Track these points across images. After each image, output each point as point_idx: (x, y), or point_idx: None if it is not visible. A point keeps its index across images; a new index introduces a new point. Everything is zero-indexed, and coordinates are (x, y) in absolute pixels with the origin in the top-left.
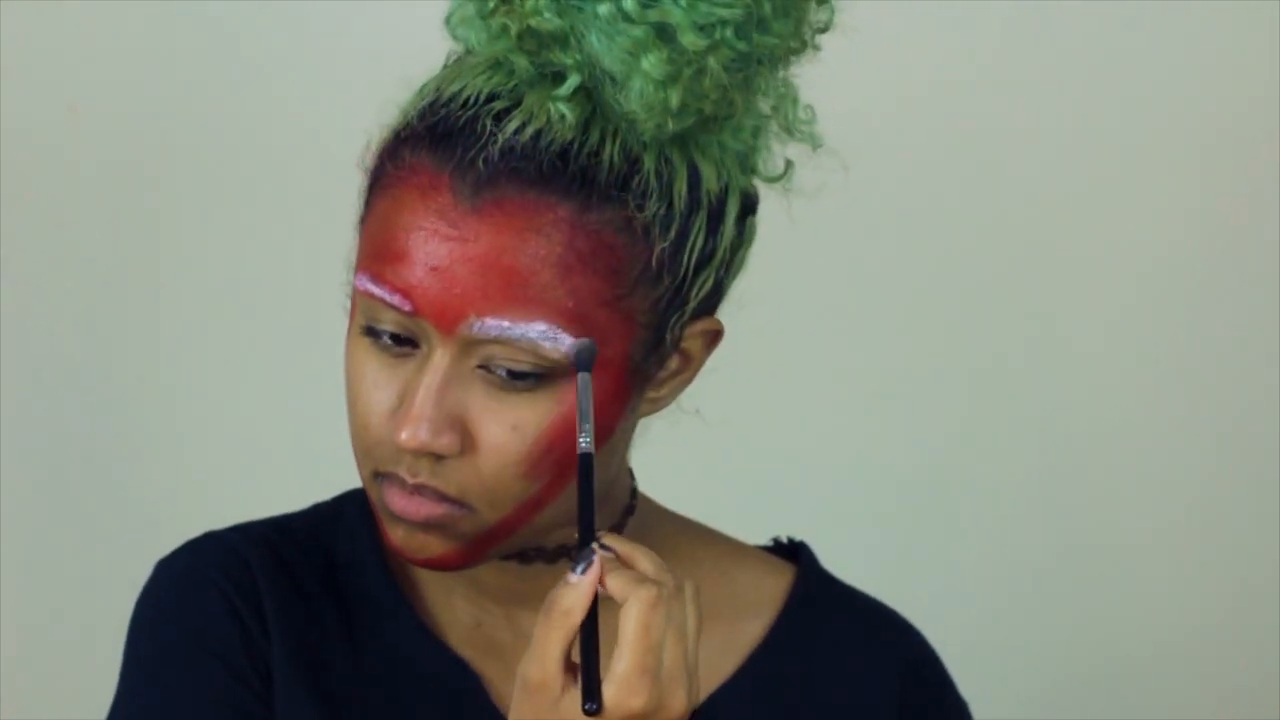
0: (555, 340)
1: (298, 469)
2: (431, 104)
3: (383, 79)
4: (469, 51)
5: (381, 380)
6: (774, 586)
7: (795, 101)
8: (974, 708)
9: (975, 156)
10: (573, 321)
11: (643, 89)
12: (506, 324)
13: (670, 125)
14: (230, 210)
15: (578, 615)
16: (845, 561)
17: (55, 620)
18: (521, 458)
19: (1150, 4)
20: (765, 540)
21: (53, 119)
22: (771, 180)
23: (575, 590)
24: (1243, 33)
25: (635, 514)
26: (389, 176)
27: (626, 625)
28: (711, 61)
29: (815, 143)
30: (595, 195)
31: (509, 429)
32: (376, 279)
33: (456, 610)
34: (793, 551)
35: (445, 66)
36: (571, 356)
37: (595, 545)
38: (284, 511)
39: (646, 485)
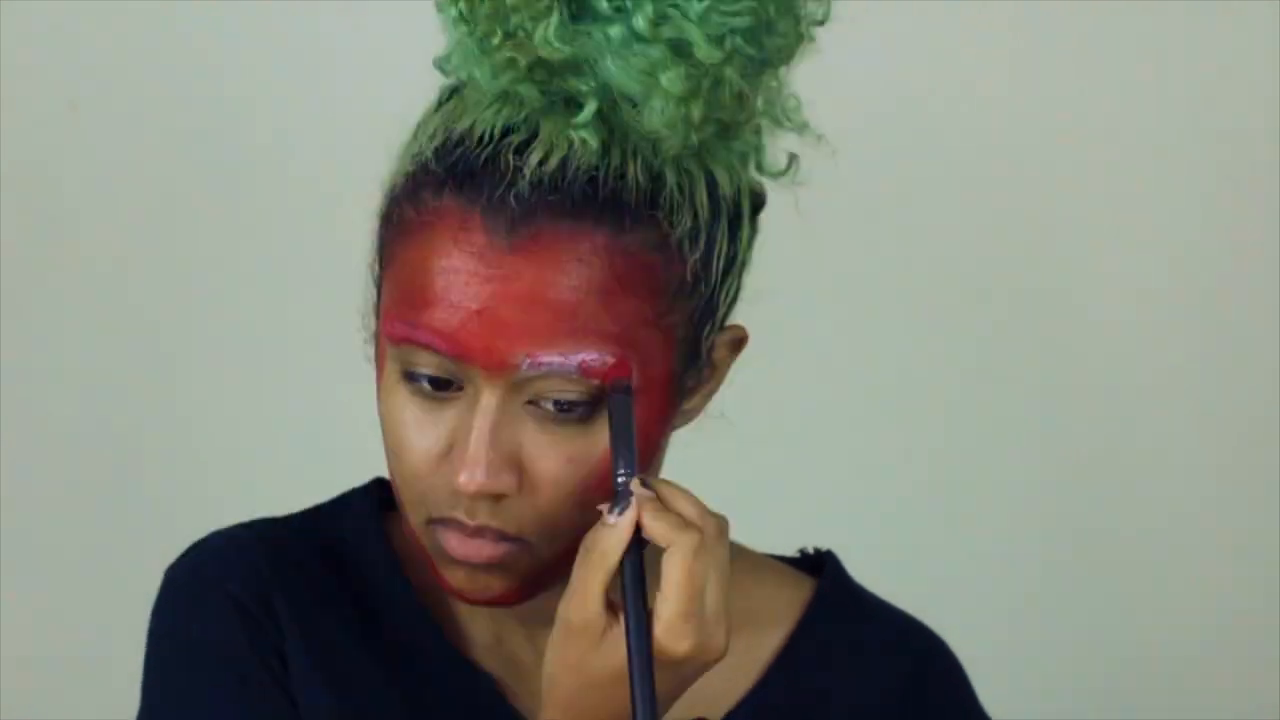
0: (605, 367)
1: (301, 468)
2: (443, 144)
3: (385, 79)
4: (466, 85)
5: (427, 426)
6: (792, 599)
7: (781, 91)
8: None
9: (981, 157)
10: (620, 346)
11: (664, 107)
12: (559, 358)
13: (694, 139)
14: (232, 209)
15: (614, 557)
16: (851, 561)
17: (55, 621)
18: (577, 489)
19: (1155, 3)
20: (792, 549)
21: (53, 118)
22: (777, 176)
23: (613, 532)
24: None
25: None
26: (410, 221)
27: (671, 571)
28: (727, 71)
29: (804, 129)
30: (627, 217)
31: (564, 462)
32: (415, 325)
33: (477, 625)
34: (819, 562)
35: (441, 102)
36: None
37: (635, 485)
38: (283, 508)
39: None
